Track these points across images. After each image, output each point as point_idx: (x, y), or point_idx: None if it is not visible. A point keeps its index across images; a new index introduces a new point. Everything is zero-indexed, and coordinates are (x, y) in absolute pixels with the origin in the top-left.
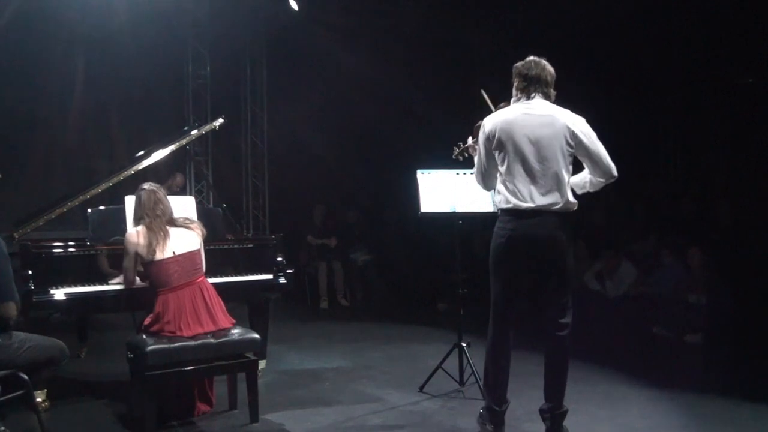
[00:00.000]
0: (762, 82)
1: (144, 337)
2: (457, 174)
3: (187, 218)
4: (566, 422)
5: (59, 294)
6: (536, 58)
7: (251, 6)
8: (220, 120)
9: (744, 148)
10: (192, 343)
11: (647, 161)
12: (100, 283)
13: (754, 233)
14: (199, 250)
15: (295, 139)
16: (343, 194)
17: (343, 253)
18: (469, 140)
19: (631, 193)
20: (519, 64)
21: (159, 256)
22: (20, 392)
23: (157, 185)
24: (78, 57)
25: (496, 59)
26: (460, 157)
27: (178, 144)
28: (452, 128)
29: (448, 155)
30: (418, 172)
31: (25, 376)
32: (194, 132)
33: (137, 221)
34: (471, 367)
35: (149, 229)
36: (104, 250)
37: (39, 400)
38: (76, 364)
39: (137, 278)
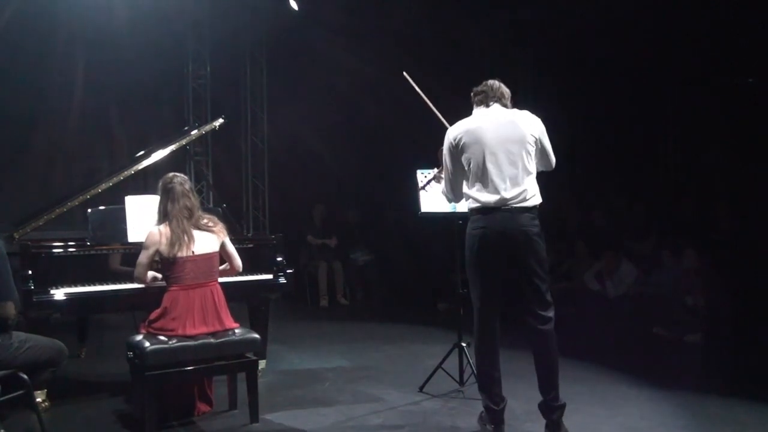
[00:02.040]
0: (762, 82)
1: (144, 336)
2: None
3: (211, 219)
4: (566, 422)
5: (59, 294)
6: (491, 80)
7: (251, 6)
8: (220, 120)
9: (744, 148)
10: (192, 343)
11: (647, 161)
12: (100, 283)
13: (754, 233)
14: (217, 253)
15: (295, 139)
16: (343, 194)
17: (343, 253)
18: (433, 171)
19: (631, 193)
20: (476, 88)
21: (179, 254)
22: (20, 392)
23: (185, 176)
24: (78, 57)
25: (496, 59)
26: (427, 188)
27: (178, 144)
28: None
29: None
30: (418, 172)
31: (25, 376)
32: (194, 132)
33: (163, 218)
34: (471, 367)
35: (173, 231)
36: (112, 250)
37: (39, 400)
38: (76, 364)
39: (148, 274)
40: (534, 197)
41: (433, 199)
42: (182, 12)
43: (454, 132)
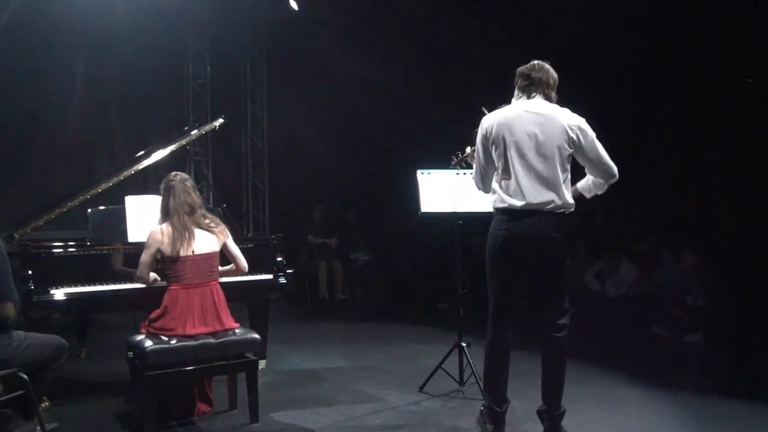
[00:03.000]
0: (762, 82)
1: (144, 336)
2: (458, 174)
3: (213, 220)
4: (566, 422)
5: (59, 294)
6: (540, 62)
7: (251, 6)
8: (220, 120)
9: (744, 148)
10: (192, 343)
11: (647, 161)
12: (100, 283)
13: (754, 233)
14: (217, 254)
15: (295, 139)
16: (343, 194)
17: (343, 252)
18: (468, 149)
19: (631, 193)
20: (523, 66)
21: (181, 253)
22: (20, 392)
23: (186, 175)
24: (78, 57)
25: (496, 59)
26: (458, 167)
27: (178, 144)
28: (452, 128)
29: (449, 155)
30: (418, 172)
31: (25, 376)
32: (194, 132)
33: (165, 216)
34: (471, 367)
35: (175, 228)
36: (112, 250)
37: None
38: (76, 364)
39: (151, 274)
40: (565, 204)
41: (433, 198)
42: (182, 12)
43: (488, 121)
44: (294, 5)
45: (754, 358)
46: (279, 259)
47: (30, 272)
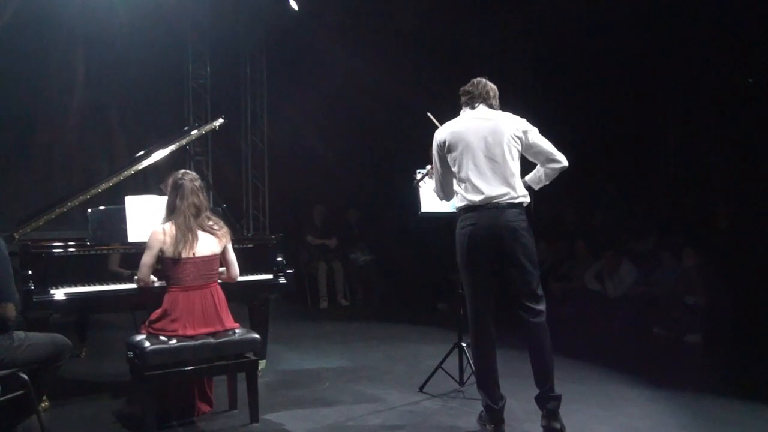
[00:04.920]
0: (762, 82)
1: (144, 336)
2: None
3: (216, 222)
4: (567, 422)
5: (59, 294)
6: (478, 78)
7: (251, 6)
8: (220, 120)
9: (744, 148)
10: (192, 343)
11: (647, 161)
12: (100, 283)
13: (754, 233)
14: (218, 256)
15: (295, 139)
16: (343, 194)
17: (343, 253)
18: (428, 167)
19: (631, 193)
20: (463, 87)
21: (182, 255)
22: (20, 392)
23: (196, 175)
24: (78, 57)
25: (496, 59)
26: (421, 184)
27: (178, 144)
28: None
29: None
30: (418, 172)
31: (25, 376)
32: (194, 132)
33: (170, 215)
34: (471, 367)
35: (178, 228)
36: (112, 250)
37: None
38: (76, 364)
39: (151, 277)
40: (520, 195)
41: (432, 198)
42: (182, 12)
43: (441, 134)
44: (294, 5)
45: (753, 358)
46: (279, 259)
47: (30, 272)
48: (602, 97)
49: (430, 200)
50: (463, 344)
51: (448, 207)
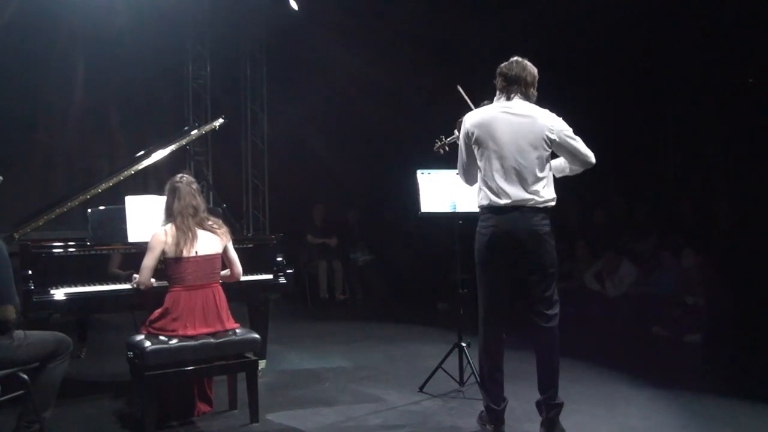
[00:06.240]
0: (762, 82)
1: (144, 336)
2: (457, 174)
3: (216, 222)
4: (566, 422)
5: (59, 294)
6: (519, 59)
7: (251, 6)
8: (220, 120)
9: (744, 147)
10: (192, 343)
11: (647, 161)
12: (100, 283)
13: (754, 233)
14: (219, 255)
15: (295, 139)
16: (343, 194)
17: (343, 252)
18: (455, 133)
19: (631, 193)
20: (502, 64)
21: (184, 254)
22: (20, 392)
23: (192, 177)
24: (78, 57)
25: (495, 59)
26: (441, 150)
27: (178, 144)
28: (452, 128)
29: (448, 155)
30: (418, 172)
31: (25, 377)
32: (194, 132)
33: (168, 217)
34: (471, 367)
35: (178, 228)
36: (112, 250)
37: None
38: (76, 364)
39: (152, 280)
40: (546, 199)
41: (433, 198)
42: (182, 12)
43: (470, 121)
44: (294, 5)
45: (754, 358)
46: (279, 259)
47: (30, 272)
48: (602, 97)
49: (430, 200)
50: (463, 344)
51: (448, 207)
